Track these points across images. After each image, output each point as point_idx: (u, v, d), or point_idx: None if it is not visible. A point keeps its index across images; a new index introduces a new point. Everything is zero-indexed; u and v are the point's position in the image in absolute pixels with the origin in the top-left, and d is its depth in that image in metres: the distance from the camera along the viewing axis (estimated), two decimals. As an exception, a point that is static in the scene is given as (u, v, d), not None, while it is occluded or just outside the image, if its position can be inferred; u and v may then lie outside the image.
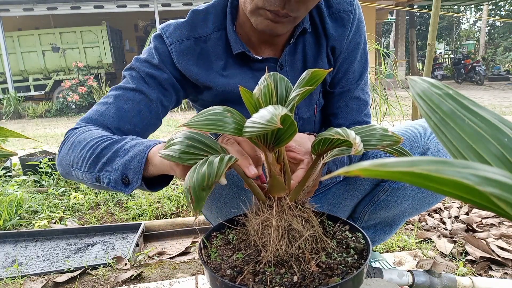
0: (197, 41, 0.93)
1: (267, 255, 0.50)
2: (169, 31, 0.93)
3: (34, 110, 9.29)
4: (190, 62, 0.92)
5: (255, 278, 0.49)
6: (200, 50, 0.93)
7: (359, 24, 0.97)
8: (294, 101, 0.52)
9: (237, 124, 0.49)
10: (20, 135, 0.50)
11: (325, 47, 0.97)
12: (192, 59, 0.92)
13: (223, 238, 0.61)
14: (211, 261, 0.54)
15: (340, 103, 1.02)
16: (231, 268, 0.51)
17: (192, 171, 0.46)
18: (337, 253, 0.55)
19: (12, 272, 1.52)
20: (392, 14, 16.16)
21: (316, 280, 0.49)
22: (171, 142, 0.53)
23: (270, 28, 0.83)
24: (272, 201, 0.54)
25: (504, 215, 0.15)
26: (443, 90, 0.25)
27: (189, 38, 0.93)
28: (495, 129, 0.21)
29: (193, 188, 0.44)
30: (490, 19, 19.64)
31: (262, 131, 0.43)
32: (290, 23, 0.84)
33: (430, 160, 0.15)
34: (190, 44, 0.92)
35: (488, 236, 1.58)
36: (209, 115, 0.50)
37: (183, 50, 0.92)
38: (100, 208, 2.28)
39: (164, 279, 1.40)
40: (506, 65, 15.35)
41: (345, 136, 0.46)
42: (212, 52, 0.94)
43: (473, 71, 12.50)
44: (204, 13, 0.94)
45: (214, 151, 0.52)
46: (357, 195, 1.06)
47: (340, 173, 0.16)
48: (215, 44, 0.94)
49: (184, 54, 0.92)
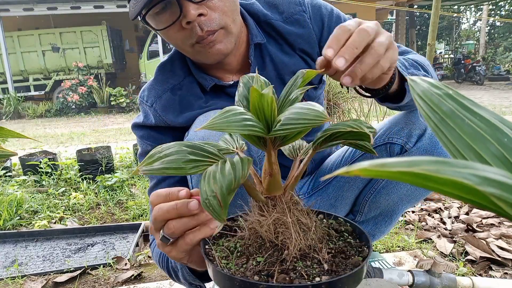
0: (173, 90, 0.97)
1: (292, 251, 0.50)
2: (146, 95, 0.99)
3: (34, 110, 9.29)
4: (175, 114, 0.96)
5: (289, 276, 0.49)
6: (179, 98, 0.97)
7: (316, 12, 0.98)
8: (297, 100, 0.52)
9: (258, 123, 0.48)
10: (20, 135, 0.50)
11: (292, 50, 0.99)
12: (175, 110, 0.96)
13: (223, 250, 0.56)
14: (233, 272, 0.50)
15: None
16: (256, 273, 0.49)
17: (211, 177, 0.44)
18: (337, 238, 0.58)
19: (12, 272, 1.52)
20: (392, 14, 16.17)
21: (341, 264, 0.51)
22: (161, 155, 0.48)
23: (215, 54, 0.86)
24: (275, 201, 0.54)
25: (504, 215, 0.15)
26: (443, 90, 0.25)
27: (166, 91, 0.97)
28: (495, 129, 0.21)
29: (221, 193, 0.42)
30: (490, 19, 19.64)
31: (308, 127, 0.44)
32: (224, 36, 0.86)
33: (430, 160, 0.15)
34: (168, 96, 0.97)
35: (488, 236, 1.58)
36: (229, 116, 0.46)
37: (164, 104, 0.96)
38: (100, 208, 2.28)
39: (164, 279, 1.40)
40: (506, 65, 15.34)
41: (359, 128, 0.47)
42: (190, 95, 0.98)
43: (473, 71, 12.50)
44: (170, 63, 1.00)
45: (216, 157, 0.50)
46: (358, 185, 1.06)
47: (340, 173, 0.16)
48: (190, 87, 0.98)
49: (167, 108, 0.96)
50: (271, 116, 0.48)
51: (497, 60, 15.46)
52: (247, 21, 0.97)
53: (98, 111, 9.42)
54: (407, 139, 0.90)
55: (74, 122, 8.04)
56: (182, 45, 0.88)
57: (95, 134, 5.95)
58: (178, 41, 0.87)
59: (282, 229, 0.51)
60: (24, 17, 10.39)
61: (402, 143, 0.91)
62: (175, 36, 0.86)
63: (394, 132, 0.92)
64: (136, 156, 3.29)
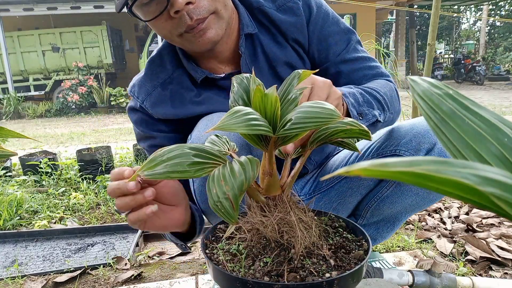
0: (163, 85, 0.96)
1: (298, 250, 0.50)
2: (136, 91, 0.98)
3: (34, 110, 9.29)
4: (166, 108, 0.95)
5: (298, 274, 0.49)
6: (170, 92, 0.96)
7: (310, 2, 0.96)
8: (297, 100, 0.52)
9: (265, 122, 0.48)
10: (20, 135, 0.50)
11: (285, 41, 0.96)
12: (166, 105, 0.95)
13: (226, 253, 0.56)
14: (243, 275, 0.50)
15: (345, 76, 0.99)
16: (265, 274, 0.49)
17: (220, 179, 0.44)
18: (334, 234, 0.59)
19: (12, 272, 1.52)
20: (392, 14, 16.16)
21: (345, 258, 0.52)
22: (164, 158, 0.47)
23: (205, 42, 0.84)
24: (275, 200, 0.54)
25: (504, 215, 0.15)
26: (443, 90, 0.25)
27: (155, 87, 0.96)
28: (495, 129, 0.21)
29: (233, 194, 0.42)
30: (490, 19, 19.64)
31: (321, 125, 0.46)
32: (215, 21, 0.83)
33: (430, 160, 0.15)
34: (158, 92, 0.96)
35: (488, 236, 1.58)
36: (239, 116, 0.46)
37: (154, 101, 0.95)
38: (100, 208, 2.28)
39: (164, 279, 1.40)
40: (506, 65, 15.35)
41: (358, 126, 0.48)
42: (181, 88, 0.96)
43: (473, 71, 12.50)
44: (159, 57, 0.99)
45: (220, 159, 0.50)
46: (361, 191, 1.04)
47: (340, 173, 0.16)
48: (180, 81, 0.96)
49: (157, 104, 0.95)
50: (274, 116, 0.48)
51: (497, 60, 15.46)
52: (238, 9, 0.94)
53: (98, 111, 9.42)
54: (414, 152, 0.87)
55: (74, 122, 8.04)
56: (171, 36, 0.85)
57: (95, 134, 5.95)
58: (167, 31, 0.85)
59: (286, 229, 0.51)
60: (24, 17, 10.38)
61: (409, 155, 0.88)
62: (163, 26, 0.84)
63: (402, 144, 0.89)
64: (136, 156, 3.30)
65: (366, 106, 0.83)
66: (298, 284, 0.46)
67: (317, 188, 1.09)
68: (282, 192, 0.56)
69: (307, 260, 0.51)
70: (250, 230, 0.54)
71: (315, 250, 0.52)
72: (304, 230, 0.51)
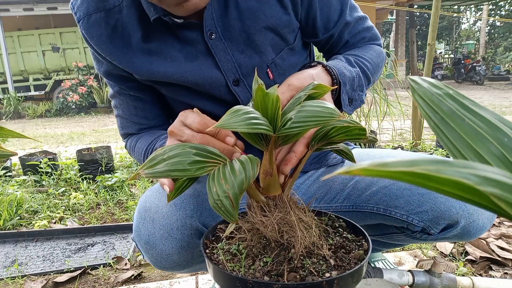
0: (109, 13, 0.77)
1: (298, 250, 0.50)
2: (76, 4, 0.78)
3: (34, 110, 9.29)
4: (102, 38, 0.77)
5: (298, 274, 0.49)
6: (115, 24, 0.77)
7: None
8: (301, 100, 0.52)
9: (265, 121, 0.48)
10: (20, 135, 0.50)
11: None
12: (104, 34, 0.77)
13: (226, 253, 0.56)
14: (243, 274, 0.50)
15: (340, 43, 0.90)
16: (265, 274, 0.49)
17: (220, 177, 0.44)
18: (334, 234, 0.59)
19: (12, 272, 1.52)
20: (392, 14, 16.16)
21: (345, 258, 0.52)
22: (165, 157, 0.47)
23: (190, 9, 0.68)
24: (275, 200, 0.55)
25: (504, 215, 0.15)
26: (443, 90, 0.25)
27: (98, 11, 0.77)
28: (495, 129, 0.21)
29: (233, 193, 0.42)
30: (490, 19, 19.63)
31: (321, 125, 0.46)
32: None
33: (430, 160, 0.15)
34: (99, 17, 0.77)
35: (488, 236, 1.58)
36: (240, 114, 0.45)
37: (92, 25, 0.77)
38: (100, 208, 2.28)
39: (164, 279, 1.41)
40: (506, 65, 15.35)
41: (354, 124, 0.48)
42: (129, 23, 0.77)
43: (473, 71, 12.50)
44: None
45: (220, 158, 0.50)
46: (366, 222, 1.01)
47: (340, 173, 0.16)
48: (129, 13, 0.77)
49: (94, 28, 0.77)
50: (275, 115, 0.49)
51: (497, 60, 15.47)
52: None
53: (98, 111, 9.42)
54: (430, 224, 0.76)
55: (74, 122, 8.04)
56: None
57: (95, 134, 5.95)
58: None
59: (286, 228, 0.51)
60: (24, 17, 10.38)
61: (424, 226, 0.77)
62: None
63: (415, 213, 0.77)
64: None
65: (358, 90, 0.77)
66: (298, 283, 0.46)
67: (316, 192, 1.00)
68: (282, 192, 0.56)
69: (307, 260, 0.51)
70: (250, 229, 0.54)
71: (315, 250, 0.52)
72: (304, 230, 0.52)
